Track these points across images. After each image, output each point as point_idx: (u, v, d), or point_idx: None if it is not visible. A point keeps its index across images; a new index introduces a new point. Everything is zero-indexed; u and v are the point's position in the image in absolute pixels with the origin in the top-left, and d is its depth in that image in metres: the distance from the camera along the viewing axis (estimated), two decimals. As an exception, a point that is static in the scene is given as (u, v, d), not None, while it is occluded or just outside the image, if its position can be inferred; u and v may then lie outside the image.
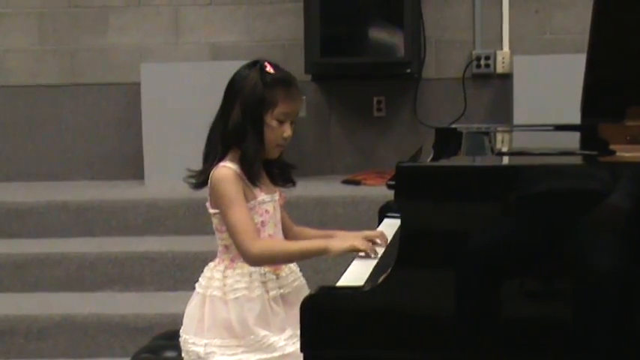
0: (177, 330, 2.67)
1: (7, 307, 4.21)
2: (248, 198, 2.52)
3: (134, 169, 5.28)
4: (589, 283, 1.88)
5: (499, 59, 5.25)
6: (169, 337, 3.02)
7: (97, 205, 4.74)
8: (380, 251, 2.44)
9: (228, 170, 2.51)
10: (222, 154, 2.54)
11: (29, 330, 4.09)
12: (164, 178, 4.81)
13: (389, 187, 2.46)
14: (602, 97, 2.55)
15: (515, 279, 1.92)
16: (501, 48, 5.27)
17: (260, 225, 2.55)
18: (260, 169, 2.55)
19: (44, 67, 5.48)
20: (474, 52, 5.27)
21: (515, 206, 1.91)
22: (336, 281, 2.18)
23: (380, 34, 5.01)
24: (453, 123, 4.88)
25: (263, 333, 2.51)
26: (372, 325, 1.93)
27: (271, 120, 2.51)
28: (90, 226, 4.70)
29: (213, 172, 2.53)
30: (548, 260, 1.89)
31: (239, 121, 2.50)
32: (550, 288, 1.90)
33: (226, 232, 2.54)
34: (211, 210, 2.57)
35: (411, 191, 1.92)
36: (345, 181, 5.05)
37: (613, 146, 2.26)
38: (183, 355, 2.62)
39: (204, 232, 3.99)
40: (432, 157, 2.36)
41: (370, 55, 5.01)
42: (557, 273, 1.89)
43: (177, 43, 5.43)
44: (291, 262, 2.61)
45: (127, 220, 4.69)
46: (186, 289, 2.92)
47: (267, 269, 2.56)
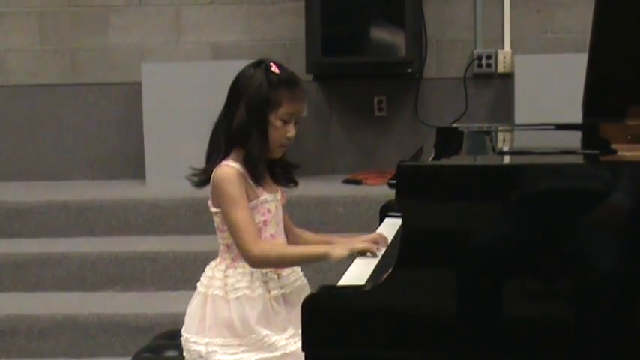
0: (179, 329, 2.67)
1: (9, 306, 4.21)
2: (250, 197, 2.52)
3: (135, 168, 5.28)
4: (590, 282, 1.88)
5: (500, 59, 5.25)
6: (170, 337, 3.03)
7: (97, 205, 4.74)
8: (381, 251, 2.45)
9: (231, 169, 2.51)
10: (225, 153, 2.54)
11: (30, 330, 4.09)
12: (165, 177, 4.81)
13: (390, 186, 2.46)
14: (604, 96, 2.55)
15: (516, 278, 1.91)
16: (502, 47, 5.26)
17: (262, 224, 2.54)
18: (264, 168, 2.55)
19: (45, 66, 5.48)
20: (475, 52, 5.27)
21: (517, 206, 1.91)
22: (338, 281, 2.18)
23: (381, 33, 5.01)
24: (454, 122, 4.88)
25: (264, 332, 2.51)
26: (373, 325, 1.92)
27: (275, 120, 2.51)
28: (91, 226, 4.70)
29: (215, 171, 2.53)
30: (549, 260, 1.88)
31: (244, 121, 2.50)
32: (551, 287, 1.89)
33: (227, 231, 2.54)
34: (213, 209, 2.57)
35: (413, 191, 1.92)
36: (346, 181, 5.05)
37: (614, 146, 2.26)
38: (184, 355, 2.62)
39: (205, 232, 4.00)
40: (433, 156, 2.35)
41: (371, 55, 5.00)
42: (558, 272, 1.89)
43: (178, 42, 5.43)
44: (291, 266, 2.61)
45: (128, 220, 4.68)
46: (188, 288, 2.92)
47: (268, 269, 2.56)
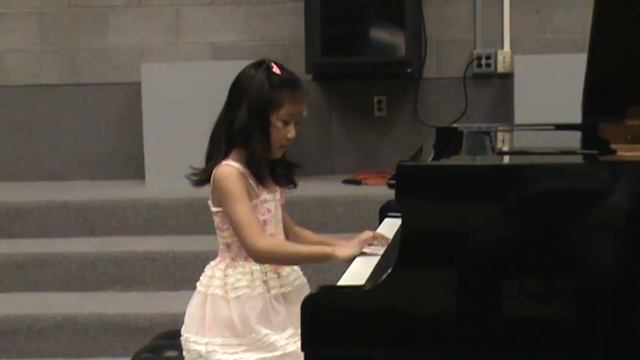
0: (178, 329, 2.67)
1: (8, 306, 4.21)
2: (251, 197, 2.52)
3: (135, 168, 5.28)
4: (590, 282, 1.88)
5: (500, 59, 5.25)
6: (170, 337, 3.03)
7: (97, 205, 4.73)
8: (381, 251, 2.45)
9: (231, 168, 2.51)
10: (226, 153, 2.55)
11: (30, 330, 4.09)
12: (165, 177, 4.81)
13: (390, 186, 2.46)
14: (603, 96, 2.55)
15: (516, 278, 1.91)
16: (502, 48, 5.26)
17: (262, 224, 2.54)
18: (266, 169, 2.55)
19: (45, 66, 5.48)
20: (474, 52, 5.27)
21: (516, 206, 1.90)
22: (337, 281, 2.18)
23: (381, 33, 5.01)
24: (453, 122, 4.88)
25: (264, 332, 2.51)
26: (372, 325, 1.92)
27: (277, 121, 2.51)
28: (91, 226, 4.70)
29: (216, 170, 2.53)
30: (548, 260, 1.88)
31: (245, 122, 2.50)
32: (551, 288, 1.89)
33: (228, 230, 2.55)
34: (213, 208, 2.57)
35: (412, 191, 1.92)
36: (346, 181, 5.05)
37: (614, 146, 2.26)
38: (184, 355, 2.62)
39: (205, 232, 4.00)
40: (432, 156, 2.35)
41: (371, 55, 5.00)
42: (558, 272, 1.89)
43: (178, 42, 5.43)
44: (294, 264, 2.61)
45: (128, 220, 4.68)
46: (187, 288, 2.92)
47: (268, 268, 2.56)
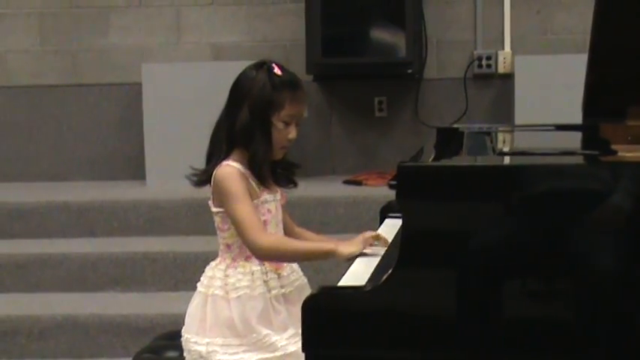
0: (179, 330, 2.67)
1: (9, 307, 4.21)
2: (251, 197, 2.52)
3: (135, 169, 5.28)
4: (591, 283, 1.88)
5: (500, 59, 5.25)
6: (171, 337, 3.03)
7: (98, 206, 4.74)
8: (382, 251, 2.45)
9: (232, 169, 2.51)
10: (226, 153, 2.55)
11: (31, 330, 4.09)
12: (165, 178, 4.81)
13: (390, 187, 2.46)
14: (604, 96, 2.54)
15: (518, 279, 1.91)
16: (503, 48, 5.26)
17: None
18: (268, 169, 2.56)
19: (45, 67, 5.48)
20: (475, 52, 5.27)
21: (517, 206, 1.90)
22: (338, 281, 2.18)
23: (381, 34, 5.01)
24: (454, 123, 4.88)
25: (265, 332, 2.51)
26: (373, 325, 1.92)
27: (278, 122, 2.51)
28: (91, 227, 4.70)
29: (216, 170, 2.53)
30: (550, 260, 1.88)
31: (247, 123, 2.50)
32: (552, 288, 1.89)
33: (228, 230, 2.55)
34: (214, 209, 2.58)
35: (413, 191, 1.92)
36: (347, 182, 5.05)
37: (614, 146, 2.26)
38: (185, 355, 2.62)
39: (205, 233, 4.00)
40: (433, 157, 2.35)
41: (371, 56, 5.00)
42: (559, 273, 1.89)
43: (179, 43, 5.43)
44: (297, 261, 2.62)
45: (129, 221, 4.68)
46: (188, 289, 2.92)
47: (268, 268, 2.56)
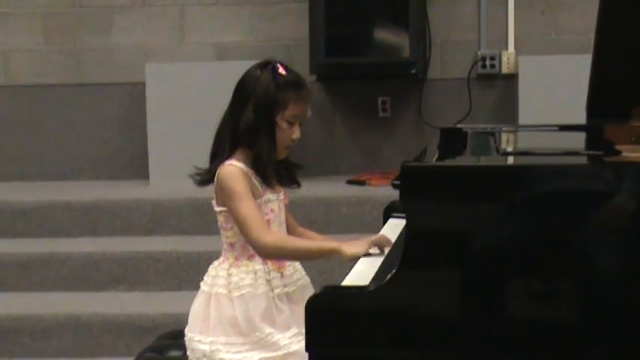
0: (182, 329, 2.67)
1: (12, 306, 4.21)
2: (254, 196, 2.52)
3: (139, 168, 5.28)
4: (594, 283, 1.88)
5: (504, 60, 5.24)
6: (174, 337, 3.03)
7: (101, 205, 4.74)
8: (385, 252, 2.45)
9: (234, 168, 2.51)
10: (230, 153, 2.55)
11: (34, 329, 4.09)
12: (169, 177, 4.81)
13: (394, 186, 2.45)
14: (608, 97, 2.54)
15: (521, 279, 1.91)
16: (506, 48, 5.25)
17: (265, 224, 2.55)
18: (272, 169, 2.56)
19: (49, 66, 5.48)
20: (479, 53, 5.26)
21: (521, 206, 1.90)
22: (341, 281, 2.18)
23: (385, 34, 5.00)
24: (458, 123, 4.88)
25: (268, 330, 2.51)
26: (376, 325, 1.92)
27: (282, 121, 2.52)
28: (94, 226, 4.70)
29: (219, 170, 2.53)
30: (553, 261, 1.88)
31: (251, 122, 2.51)
32: (556, 289, 1.89)
33: (231, 229, 2.55)
34: (217, 208, 2.58)
35: (417, 191, 1.92)
36: (350, 182, 5.05)
37: (618, 147, 2.26)
38: (188, 354, 2.62)
39: (208, 232, 4.00)
40: (437, 157, 2.35)
41: (375, 56, 5.00)
42: (563, 273, 1.88)
43: (182, 42, 5.43)
44: (300, 259, 2.62)
45: (132, 220, 4.69)
46: (191, 288, 2.92)
47: (271, 267, 2.57)
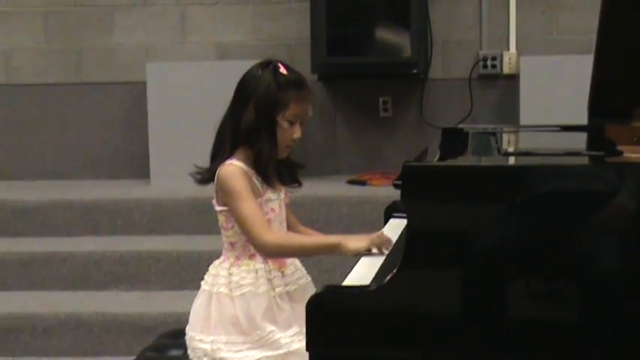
0: (183, 329, 2.67)
1: (13, 305, 4.21)
2: (255, 196, 2.52)
3: (139, 168, 5.28)
4: (595, 284, 1.88)
5: (505, 60, 5.24)
6: (174, 336, 3.02)
7: (102, 204, 4.74)
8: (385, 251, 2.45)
9: (235, 167, 2.51)
10: (230, 152, 2.55)
11: (35, 328, 4.09)
12: (169, 177, 4.81)
13: (395, 186, 2.46)
14: (609, 97, 2.54)
15: (522, 280, 1.91)
16: (508, 49, 5.25)
17: (265, 223, 2.55)
18: (273, 169, 2.56)
19: (50, 65, 5.48)
20: (480, 53, 5.26)
21: (522, 207, 1.90)
22: (342, 281, 2.18)
23: (386, 34, 5.00)
24: (459, 123, 4.88)
25: (269, 328, 2.52)
26: (377, 325, 1.92)
27: (283, 121, 2.52)
28: (95, 225, 4.70)
29: (220, 169, 2.53)
30: (555, 261, 1.88)
31: (252, 122, 2.51)
32: (557, 289, 1.89)
33: (232, 229, 2.55)
34: (218, 207, 2.58)
35: (418, 191, 1.92)
36: (351, 181, 5.04)
37: (620, 147, 2.26)
38: (189, 353, 2.62)
39: (209, 232, 4.00)
40: (438, 157, 2.35)
41: (376, 55, 5.00)
42: (564, 274, 1.88)
43: (184, 42, 5.43)
44: (303, 256, 2.62)
45: (133, 219, 4.69)
46: (192, 288, 2.92)
47: (272, 266, 2.56)
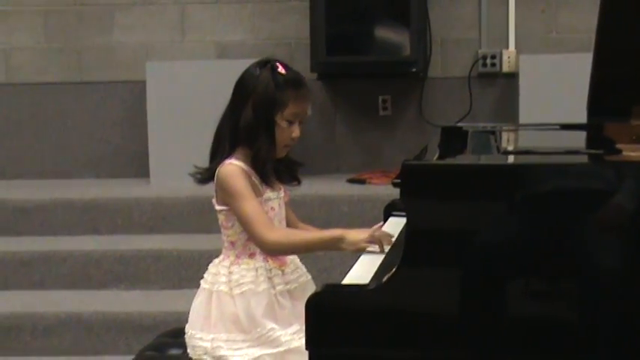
0: (183, 328, 2.67)
1: (13, 304, 4.21)
2: (255, 195, 2.52)
3: (139, 167, 5.29)
4: (595, 282, 1.88)
5: (505, 58, 5.24)
6: (174, 335, 3.03)
7: (102, 203, 4.74)
8: (385, 250, 2.45)
9: (234, 167, 2.52)
10: (230, 152, 2.55)
11: (35, 327, 4.10)
12: (169, 176, 4.81)
13: (394, 185, 2.46)
14: (609, 96, 2.54)
15: (521, 279, 1.91)
16: (507, 47, 5.25)
17: (266, 222, 2.55)
18: (271, 168, 2.56)
19: (50, 65, 5.48)
20: (479, 51, 5.26)
21: (521, 205, 1.90)
22: (342, 279, 2.18)
23: (386, 32, 5.00)
24: (458, 122, 4.88)
25: (270, 326, 2.52)
26: (377, 324, 1.92)
27: (281, 120, 2.52)
28: (95, 224, 4.70)
29: (219, 169, 2.53)
30: (554, 260, 1.88)
31: (251, 121, 2.51)
32: (556, 288, 1.89)
33: (232, 228, 2.55)
34: (217, 206, 2.58)
35: (417, 190, 1.92)
36: (351, 180, 5.04)
37: (619, 145, 2.26)
38: (189, 351, 2.62)
39: (209, 231, 4.00)
40: (437, 155, 2.35)
41: (376, 54, 5.00)
42: (563, 272, 1.89)
43: (183, 41, 5.43)
44: (306, 251, 2.61)
45: (133, 218, 4.69)
46: (192, 287, 2.92)
47: (272, 265, 2.57)
